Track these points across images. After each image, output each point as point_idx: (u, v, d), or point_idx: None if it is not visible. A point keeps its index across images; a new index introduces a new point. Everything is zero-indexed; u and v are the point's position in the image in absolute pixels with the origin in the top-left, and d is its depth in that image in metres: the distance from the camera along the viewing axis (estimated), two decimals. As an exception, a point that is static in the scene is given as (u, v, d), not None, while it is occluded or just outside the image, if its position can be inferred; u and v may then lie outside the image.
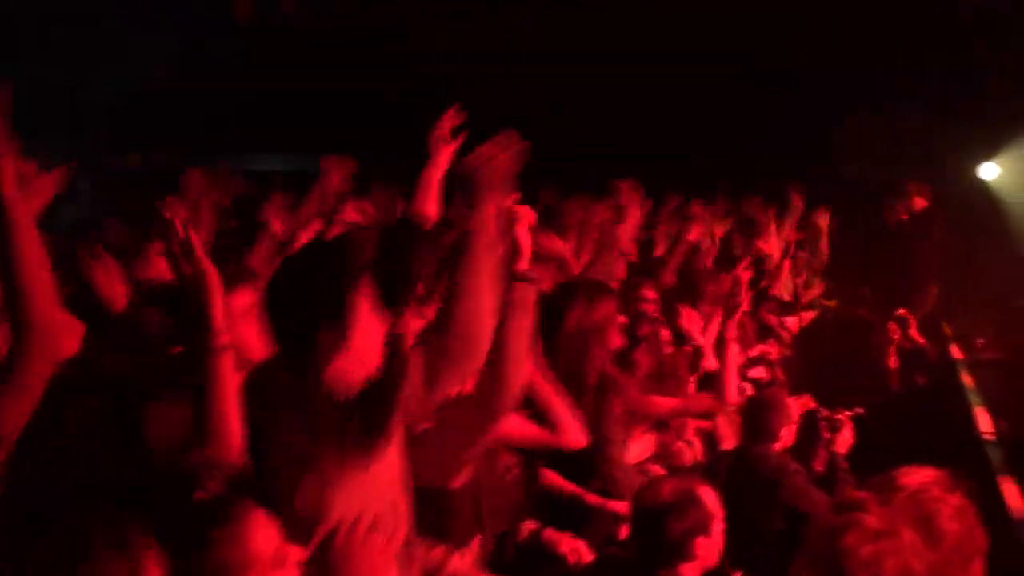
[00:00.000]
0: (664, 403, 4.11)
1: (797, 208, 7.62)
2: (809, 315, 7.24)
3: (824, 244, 8.10)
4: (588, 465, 3.55)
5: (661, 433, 4.20)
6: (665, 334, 4.62)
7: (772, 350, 5.85)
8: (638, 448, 4.11)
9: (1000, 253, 9.56)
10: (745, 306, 4.87)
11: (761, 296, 6.21)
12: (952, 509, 1.70)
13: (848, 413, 4.38)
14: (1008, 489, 4.25)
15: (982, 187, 10.23)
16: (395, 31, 9.48)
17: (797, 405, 4.68)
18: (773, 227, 7.25)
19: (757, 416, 4.21)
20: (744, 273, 4.71)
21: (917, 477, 1.76)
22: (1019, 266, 8.84)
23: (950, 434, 5.19)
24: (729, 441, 4.51)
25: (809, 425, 4.29)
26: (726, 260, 6.14)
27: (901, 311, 6.34)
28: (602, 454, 3.64)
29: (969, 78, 9.67)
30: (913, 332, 6.29)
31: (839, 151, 10.56)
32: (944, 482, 1.75)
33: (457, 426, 2.43)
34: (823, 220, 8.09)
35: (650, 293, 4.74)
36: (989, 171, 10.21)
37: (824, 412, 4.37)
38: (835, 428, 4.30)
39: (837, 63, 9.82)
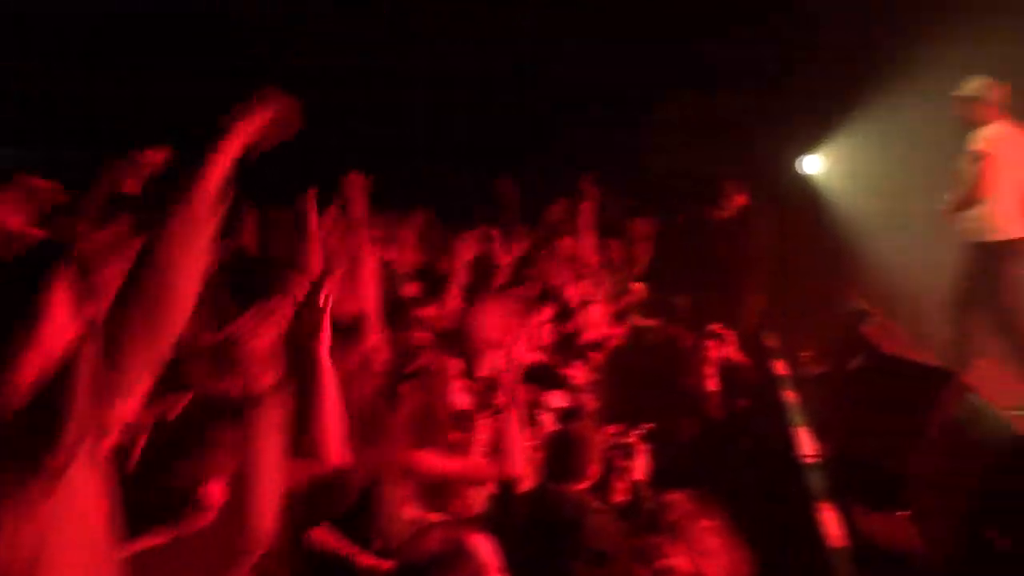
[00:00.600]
0: (437, 463, 3.97)
1: (595, 205, 7.62)
2: (621, 332, 7.37)
3: (639, 249, 8.28)
4: (364, 521, 3.50)
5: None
6: (455, 366, 4.52)
7: (578, 374, 5.87)
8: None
9: (823, 255, 10.14)
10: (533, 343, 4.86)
11: (564, 316, 6.22)
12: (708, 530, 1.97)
13: (638, 432, 4.43)
14: (827, 516, 4.41)
15: (804, 182, 10.84)
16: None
17: (606, 436, 4.70)
18: (584, 231, 7.31)
19: (561, 455, 4.19)
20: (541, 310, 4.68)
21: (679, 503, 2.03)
22: (844, 270, 9.36)
23: (770, 459, 5.36)
24: (528, 481, 4.46)
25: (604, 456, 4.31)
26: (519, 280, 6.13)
27: (717, 327, 6.53)
28: (376, 507, 3.50)
29: (790, 65, 10.22)
30: (732, 349, 6.50)
31: (647, 143, 10.97)
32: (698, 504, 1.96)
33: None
34: (639, 224, 8.27)
35: (428, 314, 4.62)
36: (811, 165, 10.82)
37: (616, 439, 4.41)
38: (629, 455, 4.34)
39: (645, 44, 10.17)
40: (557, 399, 5.27)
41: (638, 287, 7.94)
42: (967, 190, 6.46)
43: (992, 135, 6.48)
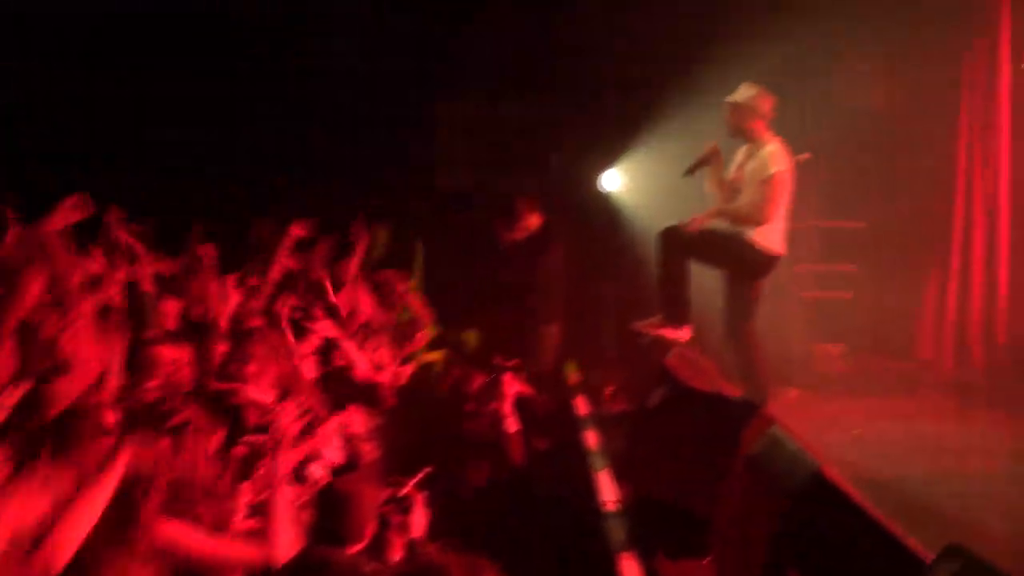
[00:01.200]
0: (188, 539, 3.86)
1: (365, 243, 7.66)
2: (405, 372, 7.44)
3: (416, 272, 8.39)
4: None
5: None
6: (215, 422, 4.45)
7: (355, 421, 5.88)
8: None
9: (625, 278, 10.60)
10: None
11: (331, 355, 6.22)
12: None
13: (419, 483, 4.46)
14: (627, 567, 4.59)
15: (604, 200, 11.29)
16: None
17: (383, 489, 4.72)
18: (355, 268, 7.35)
19: (330, 514, 4.16)
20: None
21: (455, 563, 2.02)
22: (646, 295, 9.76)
23: (567, 507, 5.54)
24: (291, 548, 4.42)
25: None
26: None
27: (511, 361, 6.72)
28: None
29: (586, 79, 10.75)
30: (523, 385, 6.69)
31: (430, 156, 11.24)
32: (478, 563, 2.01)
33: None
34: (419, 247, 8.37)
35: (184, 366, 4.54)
36: (611, 181, 11.29)
37: (395, 492, 4.42)
38: (408, 509, 4.37)
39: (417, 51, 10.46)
40: (329, 450, 5.26)
41: (424, 327, 8.01)
42: (753, 208, 6.97)
43: (778, 153, 7.03)
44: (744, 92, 7.13)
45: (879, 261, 11.28)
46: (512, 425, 6.40)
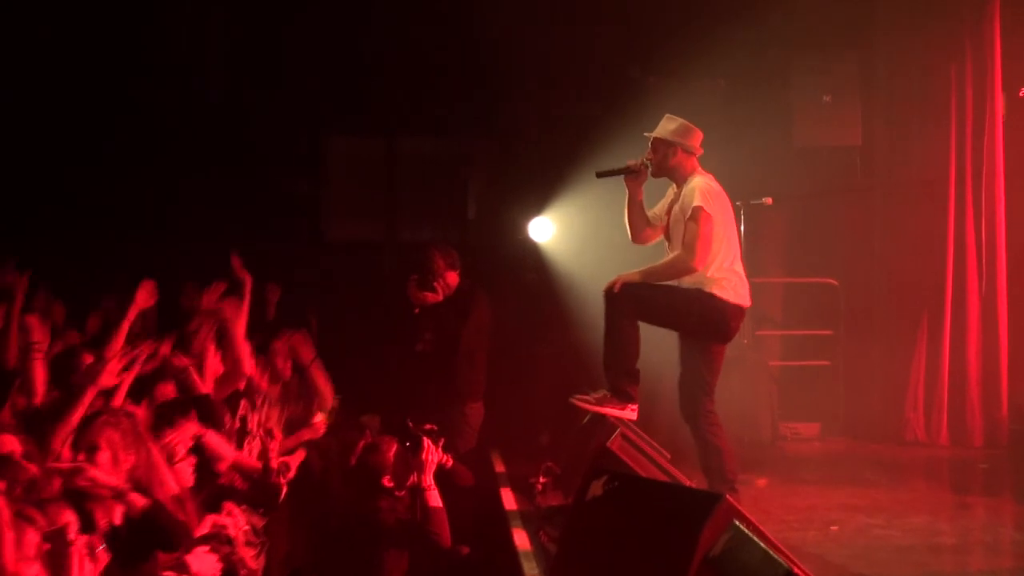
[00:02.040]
0: None
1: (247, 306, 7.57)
2: (299, 456, 7.43)
3: (313, 368, 8.27)
4: None
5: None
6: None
7: (232, 522, 5.82)
8: None
9: (561, 345, 10.66)
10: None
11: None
12: None
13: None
14: None
15: (534, 251, 11.39)
16: None
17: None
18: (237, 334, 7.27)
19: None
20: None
21: None
22: (587, 365, 9.81)
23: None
24: None
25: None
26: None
27: (425, 424, 6.74)
28: None
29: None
30: (444, 454, 6.70)
31: (320, 200, 11.31)
32: None
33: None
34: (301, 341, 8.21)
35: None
36: (541, 229, 11.42)
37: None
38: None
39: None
40: (199, 560, 5.19)
41: (322, 414, 7.96)
42: (679, 257, 7.08)
43: (705, 188, 7.16)
44: (665, 126, 7.28)
45: (858, 324, 11.48)
46: (435, 499, 6.43)
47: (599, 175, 7.53)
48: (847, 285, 11.54)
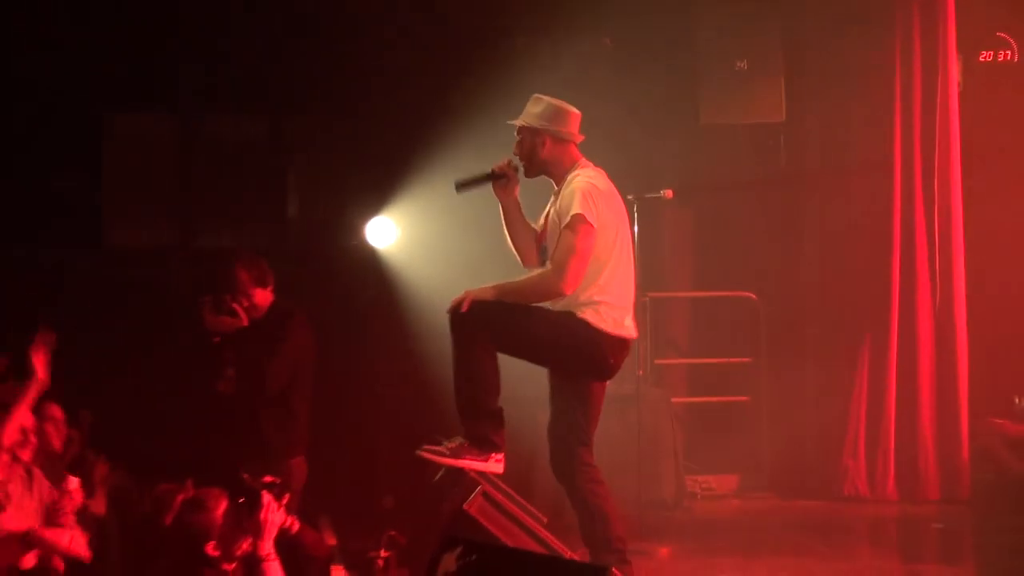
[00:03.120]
0: None
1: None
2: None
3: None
4: None
5: None
6: None
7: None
8: None
9: (406, 381, 10.61)
10: None
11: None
12: None
13: None
14: None
15: (371, 261, 11.34)
16: None
17: None
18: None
19: None
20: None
21: None
22: (439, 407, 9.79)
23: None
24: None
25: None
26: None
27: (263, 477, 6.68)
28: None
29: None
30: (287, 515, 6.64)
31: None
32: None
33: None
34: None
35: None
36: (381, 233, 11.44)
37: None
38: None
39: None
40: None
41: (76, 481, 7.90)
42: (546, 274, 7.05)
43: (587, 187, 7.06)
44: (529, 110, 7.24)
45: (782, 348, 11.59)
46: (275, 572, 6.35)
47: (459, 188, 7.48)
48: (768, 299, 11.65)
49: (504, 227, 7.50)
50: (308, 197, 11.72)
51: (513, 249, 7.48)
